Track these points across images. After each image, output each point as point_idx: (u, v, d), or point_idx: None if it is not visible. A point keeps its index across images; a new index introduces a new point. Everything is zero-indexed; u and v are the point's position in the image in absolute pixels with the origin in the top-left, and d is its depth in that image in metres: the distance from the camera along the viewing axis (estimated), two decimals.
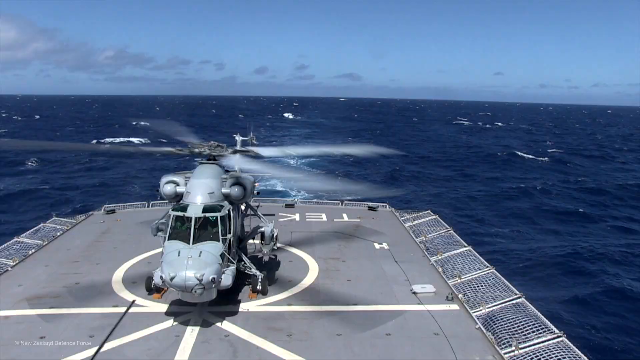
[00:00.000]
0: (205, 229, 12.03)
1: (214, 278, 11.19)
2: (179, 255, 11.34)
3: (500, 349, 10.51)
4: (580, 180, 62.62)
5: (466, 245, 16.48)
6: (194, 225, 11.90)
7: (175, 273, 10.96)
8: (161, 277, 11.41)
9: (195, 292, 10.97)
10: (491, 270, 14.19)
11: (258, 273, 13.54)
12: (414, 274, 14.81)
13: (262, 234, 14.52)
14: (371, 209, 22.83)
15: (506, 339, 10.77)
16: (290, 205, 22.98)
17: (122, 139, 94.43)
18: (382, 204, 23.38)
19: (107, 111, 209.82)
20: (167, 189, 13.34)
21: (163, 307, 12.47)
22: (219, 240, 11.99)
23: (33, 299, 12.94)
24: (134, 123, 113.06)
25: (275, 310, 12.45)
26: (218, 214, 12.25)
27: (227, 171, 14.09)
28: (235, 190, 13.14)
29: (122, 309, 12.28)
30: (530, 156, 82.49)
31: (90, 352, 10.29)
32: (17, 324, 11.52)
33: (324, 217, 21.54)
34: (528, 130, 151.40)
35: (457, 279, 14.18)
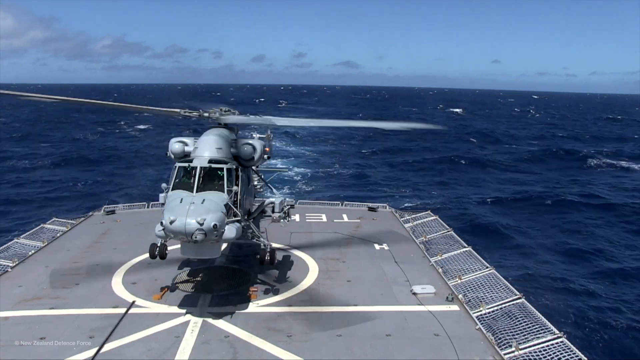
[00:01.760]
0: (210, 180, 11.89)
1: (215, 225, 10.91)
2: (181, 202, 11.16)
3: (501, 349, 10.52)
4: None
5: (466, 245, 16.50)
6: (199, 175, 11.79)
7: (176, 217, 10.75)
8: (161, 223, 11.10)
9: (196, 237, 10.68)
10: (491, 271, 14.21)
11: (267, 242, 13.48)
12: (414, 275, 14.81)
13: (273, 204, 14.42)
14: (371, 209, 22.84)
15: (506, 339, 10.79)
16: (290, 206, 22.96)
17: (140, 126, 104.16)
18: (382, 204, 23.40)
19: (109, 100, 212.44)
20: (175, 147, 13.23)
21: (163, 308, 12.47)
22: (224, 192, 11.81)
23: (33, 299, 12.94)
24: (136, 114, 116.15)
25: (275, 311, 12.45)
26: (225, 166, 12.14)
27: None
28: (244, 149, 12.94)
29: (122, 310, 12.28)
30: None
31: (90, 352, 10.29)
32: (17, 325, 11.51)
33: (323, 217, 21.54)
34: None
35: (457, 279, 14.19)
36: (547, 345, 10.38)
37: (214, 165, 12.04)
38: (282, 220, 14.66)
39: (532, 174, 62.17)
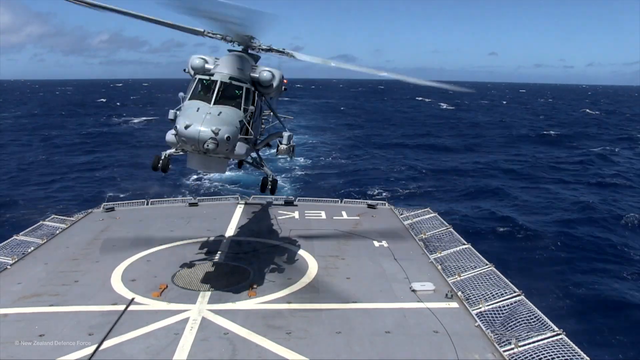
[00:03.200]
0: (228, 96, 11.95)
1: (229, 137, 11.02)
2: (197, 111, 11.23)
3: (500, 346, 10.52)
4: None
5: (465, 242, 16.49)
6: (219, 88, 11.84)
7: (191, 122, 10.82)
8: (176, 127, 11.14)
9: (208, 145, 10.76)
10: (490, 268, 14.20)
11: (269, 172, 13.88)
12: (413, 272, 14.80)
13: (281, 135, 14.50)
14: (370, 206, 22.81)
15: (506, 336, 10.80)
16: (289, 203, 22.97)
17: (137, 119, 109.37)
18: (381, 201, 23.39)
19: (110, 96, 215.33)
20: (196, 62, 13.02)
21: (162, 305, 12.46)
22: (240, 109, 11.92)
23: (32, 296, 12.93)
24: (140, 106, 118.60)
25: (274, 308, 12.44)
26: (244, 85, 12.25)
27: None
28: (264, 75, 12.91)
29: (121, 307, 12.26)
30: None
31: (90, 350, 10.29)
32: (16, 322, 11.51)
33: (323, 215, 21.51)
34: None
35: (456, 276, 14.19)
36: (547, 343, 10.39)
37: (234, 82, 12.13)
38: (287, 156, 14.70)
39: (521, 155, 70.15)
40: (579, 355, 9.96)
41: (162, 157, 12.69)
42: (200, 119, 10.95)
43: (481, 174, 59.70)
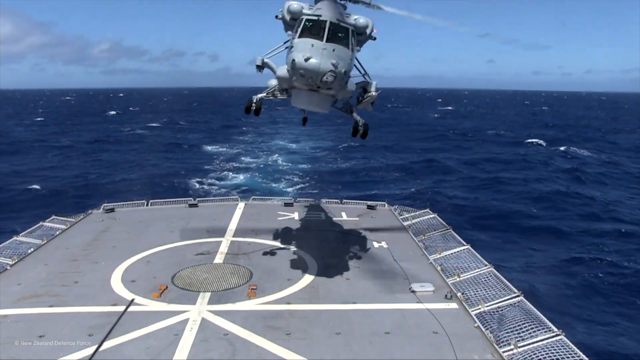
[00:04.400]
0: (337, 37, 12.09)
1: (346, 71, 11.38)
2: (312, 47, 11.43)
3: (499, 347, 10.54)
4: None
5: (465, 243, 16.50)
6: (329, 27, 11.96)
7: (311, 55, 11.07)
8: (293, 61, 11.27)
9: (327, 78, 11.07)
10: (490, 269, 14.21)
11: (359, 118, 14.17)
12: (413, 273, 14.82)
13: (368, 83, 14.54)
14: (370, 207, 22.84)
15: (505, 337, 10.80)
16: (289, 204, 22.99)
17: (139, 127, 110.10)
18: (380, 202, 23.40)
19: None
20: (294, 6, 12.98)
21: (162, 306, 12.47)
22: (349, 49, 12.11)
23: (32, 297, 12.94)
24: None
25: (274, 309, 12.46)
26: (351, 27, 12.44)
27: None
28: (360, 21, 13.09)
29: (121, 308, 12.28)
30: None
31: (89, 351, 10.30)
32: (16, 323, 11.52)
33: (322, 215, 21.54)
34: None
35: (455, 277, 14.20)
36: (546, 343, 10.39)
37: (341, 24, 12.28)
38: (369, 106, 14.70)
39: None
40: (578, 356, 9.96)
41: (255, 101, 13.24)
42: (318, 53, 11.26)
43: (477, 172, 60.21)
